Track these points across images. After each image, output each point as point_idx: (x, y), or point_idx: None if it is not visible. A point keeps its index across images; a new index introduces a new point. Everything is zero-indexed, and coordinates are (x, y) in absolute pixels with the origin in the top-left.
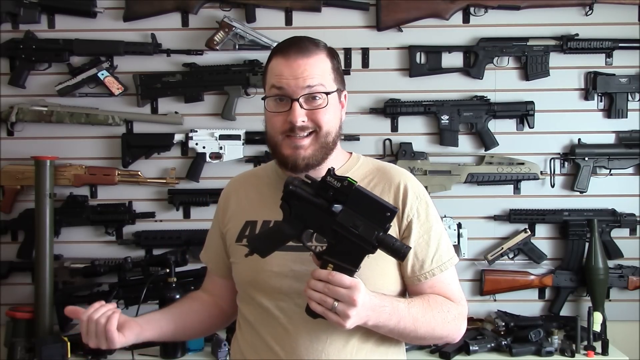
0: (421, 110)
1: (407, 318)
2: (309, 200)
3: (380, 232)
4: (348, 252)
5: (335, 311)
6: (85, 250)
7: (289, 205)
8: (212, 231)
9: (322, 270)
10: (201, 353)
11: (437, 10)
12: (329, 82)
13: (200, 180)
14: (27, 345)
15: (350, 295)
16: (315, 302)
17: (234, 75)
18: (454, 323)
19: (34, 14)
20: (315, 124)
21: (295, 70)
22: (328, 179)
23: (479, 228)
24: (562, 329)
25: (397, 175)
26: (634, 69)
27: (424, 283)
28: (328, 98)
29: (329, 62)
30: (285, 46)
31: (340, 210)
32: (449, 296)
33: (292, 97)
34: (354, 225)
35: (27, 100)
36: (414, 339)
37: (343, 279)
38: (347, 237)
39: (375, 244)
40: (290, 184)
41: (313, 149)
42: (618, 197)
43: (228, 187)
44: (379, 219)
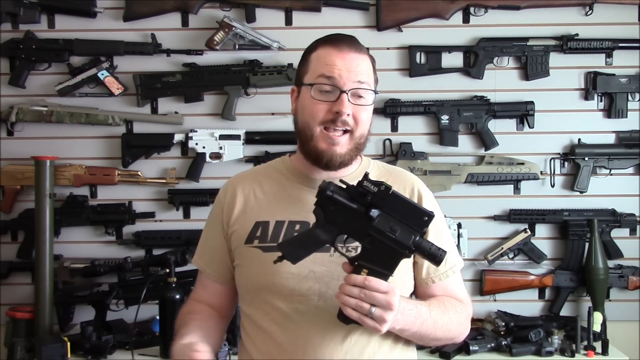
0: (421, 110)
1: (428, 321)
2: (345, 206)
3: (417, 236)
4: (383, 256)
5: (371, 316)
6: (85, 250)
7: (323, 210)
8: (212, 234)
9: (357, 276)
10: None
11: (437, 10)
12: (372, 83)
13: (200, 180)
14: (27, 345)
15: (387, 300)
16: (351, 307)
17: (234, 75)
18: (465, 324)
19: (34, 14)
20: (355, 122)
21: (349, 63)
22: (365, 184)
23: (479, 228)
24: (562, 329)
25: (409, 178)
26: (634, 69)
27: (436, 285)
28: (372, 97)
29: (371, 64)
30: (337, 38)
31: (377, 215)
32: (458, 297)
33: (342, 89)
34: (391, 230)
35: (27, 100)
36: (431, 341)
37: (380, 284)
38: (384, 241)
39: (413, 249)
40: (327, 189)
41: (348, 148)
42: (618, 197)
43: (230, 187)
44: (416, 223)
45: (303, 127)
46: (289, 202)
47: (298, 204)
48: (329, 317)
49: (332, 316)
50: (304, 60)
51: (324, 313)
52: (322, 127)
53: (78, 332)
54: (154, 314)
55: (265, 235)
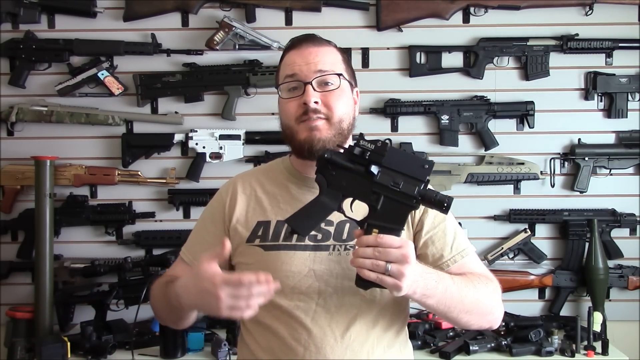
0: (421, 110)
1: (452, 287)
2: (345, 167)
3: (421, 185)
4: (391, 212)
5: (389, 274)
6: (85, 250)
7: (325, 176)
8: (210, 230)
9: (369, 236)
10: (201, 353)
11: (437, 10)
12: (341, 70)
13: (200, 180)
14: (27, 345)
15: (402, 253)
16: (367, 269)
17: (234, 75)
18: (495, 295)
19: (34, 14)
20: (327, 109)
21: (307, 57)
22: (361, 143)
23: (479, 228)
24: (562, 329)
25: None
26: (634, 69)
27: (450, 270)
28: (340, 81)
29: (339, 55)
30: (296, 40)
31: (378, 171)
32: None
33: (305, 81)
34: (394, 184)
35: (27, 100)
36: (462, 314)
37: (392, 239)
38: (390, 196)
39: (419, 198)
40: (325, 153)
41: (329, 133)
42: (618, 197)
43: (232, 185)
44: (418, 173)
45: (284, 128)
46: (289, 202)
47: (298, 203)
48: (329, 314)
49: (332, 314)
50: (277, 70)
51: (324, 311)
52: (299, 121)
53: (78, 332)
54: (154, 314)
55: (266, 235)
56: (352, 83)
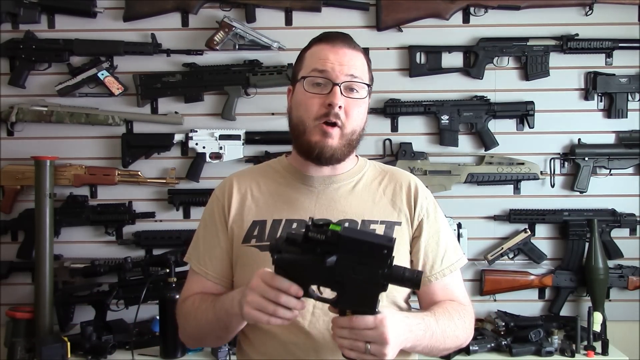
0: (421, 110)
1: (437, 332)
2: (300, 262)
3: (384, 269)
4: (359, 296)
5: (370, 353)
6: (85, 250)
7: (284, 271)
8: (211, 232)
9: (342, 318)
10: (201, 353)
11: (437, 10)
12: (367, 79)
13: (200, 180)
14: (27, 345)
15: (379, 334)
16: (347, 349)
17: (234, 75)
18: (470, 327)
19: (34, 14)
20: (346, 116)
21: (342, 57)
22: (310, 235)
23: (479, 228)
24: (562, 329)
25: (405, 177)
26: (634, 69)
27: (435, 284)
28: (365, 92)
29: (367, 62)
30: (331, 35)
31: (335, 260)
32: (458, 299)
33: (335, 82)
34: (354, 272)
35: (27, 100)
36: (441, 352)
37: (366, 321)
38: (352, 284)
39: (385, 283)
40: (275, 251)
41: (340, 142)
42: (618, 197)
43: (227, 185)
44: (378, 258)
45: (297, 122)
46: (286, 201)
47: (295, 202)
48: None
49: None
50: (299, 59)
51: (322, 313)
52: (316, 122)
53: (78, 332)
54: (154, 314)
55: (262, 234)
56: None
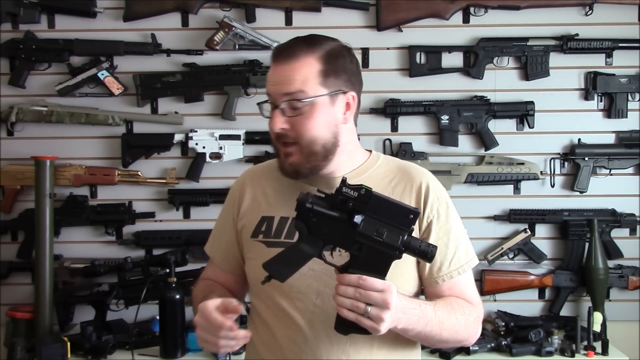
0: (421, 110)
1: (433, 321)
2: (327, 216)
3: (405, 235)
4: (373, 261)
5: (368, 316)
6: (85, 250)
7: (305, 223)
8: (224, 223)
9: (352, 275)
10: (201, 353)
11: (437, 10)
12: (313, 86)
13: (200, 180)
14: (27, 345)
15: (384, 298)
16: (347, 309)
17: (234, 75)
18: (474, 326)
19: (34, 14)
20: (296, 133)
21: (278, 77)
22: (344, 190)
23: (479, 228)
24: (562, 329)
25: (419, 175)
26: (634, 69)
27: (442, 285)
28: (312, 104)
29: (317, 65)
30: (277, 50)
31: (361, 220)
32: (467, 298)
33: (275, 104)
34: (377, 234)
35: (27, 100)
36: (437, 343)
37: (375, 282)
38: (372, 246)
39: (402, 249)
40: (306, 202)
41: (298, 157)
42: (618, 197)
43: (242, 179)
44: (402, 222)
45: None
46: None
47: None
48: (327, 315)
49: (329, 314)
50: None
51: (321, 311)
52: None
53: (78, 332)
54: (154, 314)
55: (269, 230)
56: (340, 91)
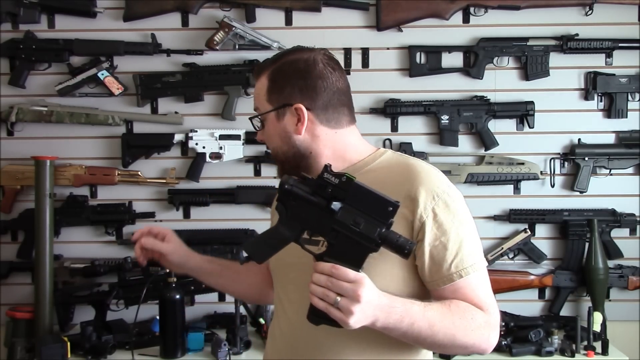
0: (421, 110)
1: (421, 321)
2: (306, 199)
3: (382, 228)
4: (350, 251)
5: (338, 307)
6: (85, 250)
7: (285, 206)
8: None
9: (324, 263)
10: (201, 353)
11: (437, 10)
12: (263, 103)
13: (200, 180)
14: (27, 345)
15: (354, 289)
16: (318, 297)
17: (234, 75)
18: (480, 331)
19: (34, 14)
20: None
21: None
22: (325, 176)
23: (479, 228)
24: (562, 329)
25: (415, 176)
26: (634, 69)
27: (445, 288)
28: (265, 119)
29: (265, 82)
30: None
31: (339, 207)
32: (475, 303)
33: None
34: (354, 223)
35: (27, 100)
36: (433, 346)
37: (347, 272)
38: (349, 235)
39: (379, 241)
40: (286, 183)
41: (278, 165)
42: (618, 197)
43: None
44: (381, 214)
45: None
46: None
47: None
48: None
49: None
50: None
51: None
52: None
53: (78, 332)
54: (154, 314)
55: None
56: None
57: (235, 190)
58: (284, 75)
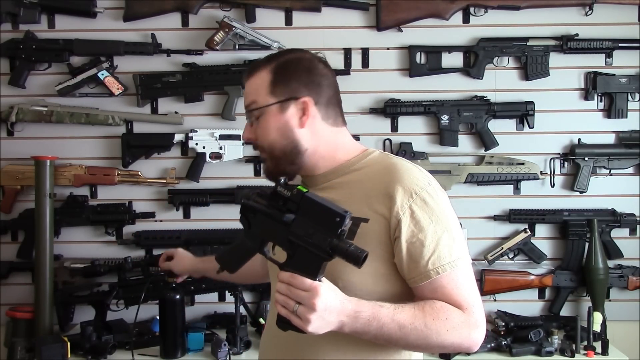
0: (421, 110)
1: (390, 324)
2: (262, 212)
3: (333, 238)
4: (306, 261)
5: (297, 314)
6: (85, 250)
7: (247, 219)
8: None
9: (284, 273)
10: (201, 353)
11: (437, 10)
12: (263, 96)
13: (200, 180)
14: (27, 345)
15: (309, 297)
16: (280, 304)
17: (234, 75)
18: (457, 332)
19: (34, 14)
20: (259, 141)
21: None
22: (278, 189)
23: (479, 228)
24: (562, 329)
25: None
26: (634, 69)
27: (424, 286)
28: (263, 113)
29: (269, 75)
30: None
31: (293, 219)
32: (455, 301)
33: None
34: (307, 234)
35: (27, 100)
36: (408, 347)
37: (303, 281)
38: (303, 246)
39: (330, 251)
40: (244, 198)
41: (269, 163)
42: (618, 197)
43: None
44: (330, 225)
45: None
46: None
47: None
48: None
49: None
50: None
51: None
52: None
53: (78, 332)
54: (154, 314)
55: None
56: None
57: (235, 190)
58: (289, 70)
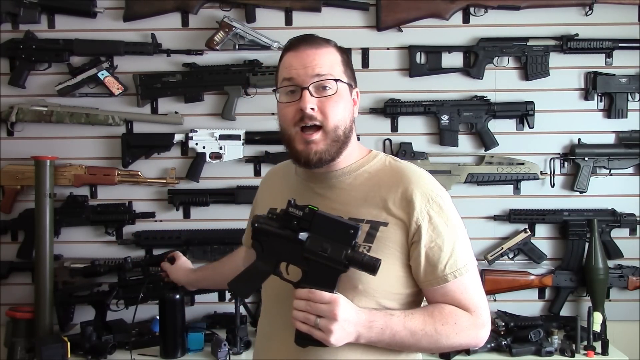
0: (421, 110)
1: (403, 331)
2: (276, 234)
3: (348, 250)
4: (322, 275)
5: (319, 328)
6: (85, 250)
7: (259, 243)
8: (250, 213)
9: (302, 290)
10: (201, 353)
11: (437, 10)
12: (339, 73)
13: (200, 180)
14: (27, 345)
15: (331, 309)
16: (300, 321)
17: (234, 75)
18: (465, 333)
19: (34, 14)
20: (323, 115)
21: (304, 60)
22: (290, 210)
23: (479, 228)
24: (562, 329)
25: (408, 179)
26: (634, 69)
27: (437, 289)
28: (338, 86)
29: (338, 55)
30: (294, 41)
31: (307, 237)
32: (464, 304)
33: (302, 86)
34: (322, 249)
35: (27, 100)
36: (420, 351)
37: (323, 295)
38: (318, 261)
39: (346, 263)
40: (256, 222)
41: (325, 143)
42: (618, 197)
43: (265, 176)
44: (344, 238)
45: (282, 131)
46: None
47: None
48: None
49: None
50: (276, 71)
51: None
52: (297, 129)
53: (78, 332)
54: (154, 314)
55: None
56: (351, 84)
57: (235, 190)
58: (349, 57)
